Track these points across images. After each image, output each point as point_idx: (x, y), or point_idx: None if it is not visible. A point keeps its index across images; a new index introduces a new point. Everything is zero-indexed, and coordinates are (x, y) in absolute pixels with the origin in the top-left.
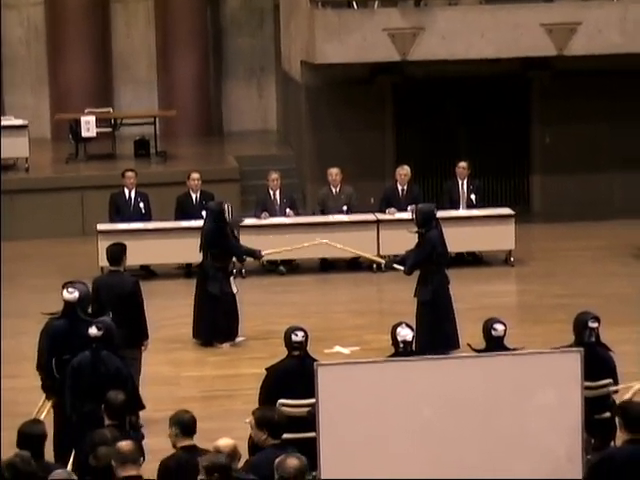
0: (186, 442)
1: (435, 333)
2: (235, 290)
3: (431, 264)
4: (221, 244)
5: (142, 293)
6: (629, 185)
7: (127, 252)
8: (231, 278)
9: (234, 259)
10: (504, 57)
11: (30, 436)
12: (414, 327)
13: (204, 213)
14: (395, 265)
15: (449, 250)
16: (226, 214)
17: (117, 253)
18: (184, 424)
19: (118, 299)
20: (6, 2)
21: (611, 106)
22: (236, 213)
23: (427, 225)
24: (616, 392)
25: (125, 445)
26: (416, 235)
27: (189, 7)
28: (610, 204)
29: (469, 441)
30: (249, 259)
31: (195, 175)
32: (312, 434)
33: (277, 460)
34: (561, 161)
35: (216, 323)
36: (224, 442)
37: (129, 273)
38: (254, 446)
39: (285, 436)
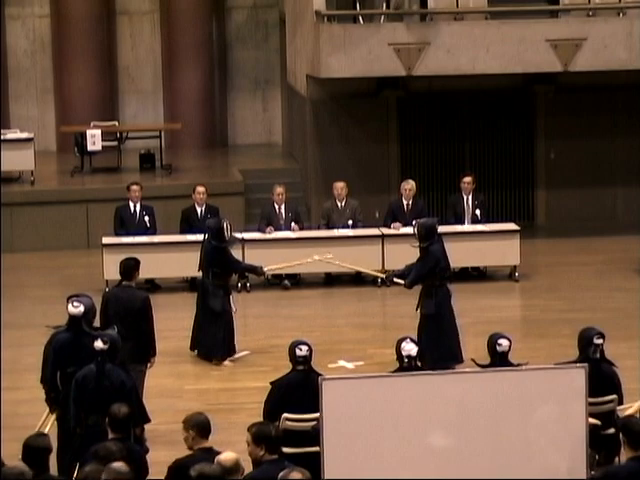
0: (203, 444)
1: (439, 347)
2: (234, 309)
3: (434, 278)
4: (221, 262)
5: (152, 308)
6: (633, 200)
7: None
8: (230, 297)
9: (235, 276)
10: (509, 72)
11: (35, 449)
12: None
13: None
14: (395, 279)
15: (452, 265)
16: (225, 232)
17: (129, 267)
18: (201, 426)
19: (126, 313)
20: (11, 14)
21: (616, 121)
22: (235, 231)
23: (429, 239)
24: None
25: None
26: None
27: (194, 20)
28: (614, 219)
29: (473, 456)
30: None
31: (200, 189)
32: (316, 448)
33: (281, 474)
34: (565, 176)
35: (216, 338)
36: (227, 456)
37: (139, 288)
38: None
39: (289, 450)
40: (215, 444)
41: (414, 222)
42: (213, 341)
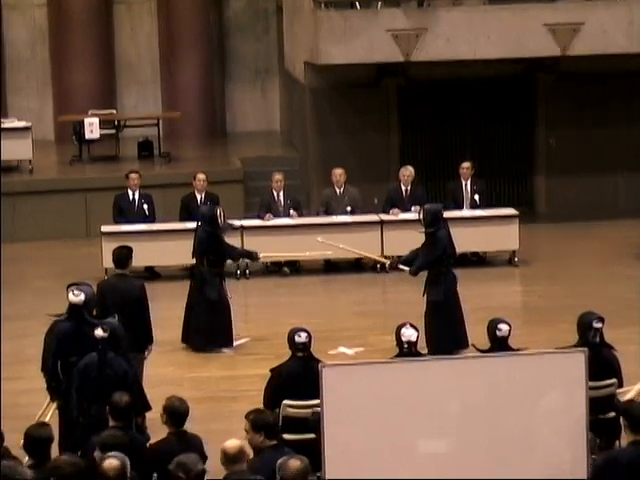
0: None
1: (447, 333)
2: (229, 295)
3: (441, 264)
4: (216, 249)
5: (148, 297)
6: (633, 187)
7: (132, 254)
8: (224, 283)
9: (230, 262)
10: (508, 58)
11: (36, 439)
12: (423, 327)
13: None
14: (400, 266)
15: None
16: (219, 219)
17: (123, 256)
18: (172, 411)
19: (124, 302)
20: (10, 4)
21: (616, 108)
22: (230, 219)
23: (436, 225)
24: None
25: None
26: (423, 235)
27: (193, 8)
28: (614, 205)
29: (474, 441)
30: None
31: (201, 176)
32: (314, 435)
33: (279, 462)
34: (565, 162)
35: (215, 329)
36: (231, 443)
37: (135, 277)
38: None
39: (289, 437)
40: (217, 432)
41: (413, 208)
42: (211, 332)
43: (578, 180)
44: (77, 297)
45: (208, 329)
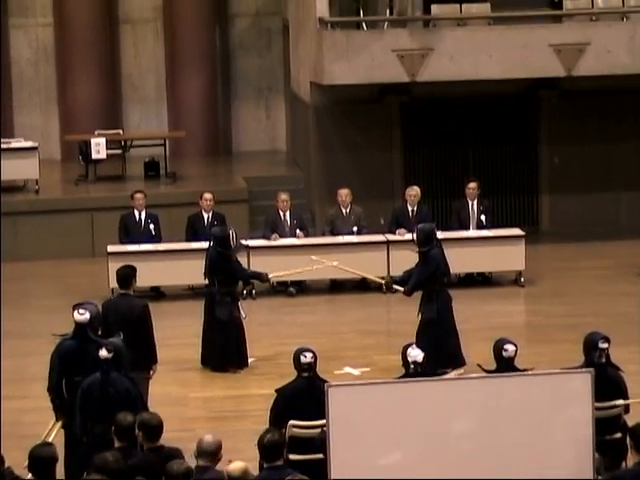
0: (154, 444)
1: (439, 351)
2: (243, 315)
3: (434, 283)
4: (226, 270)
5: (151, 316)
6: (636, 205)
7: (137, 274)
8: (239, 303)
9: (240, 283)
10: (512, 77)
11: (41, 459)
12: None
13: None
14: (395, 286)
15: (458, 270)
16: (231, 240)
17: (127, 276)
18: (147, 427)
19: (126, 322)
20: (14, 23)
21: (619, 126)
22: (240, 239)
23: (428, 244)
24: (627, 412)
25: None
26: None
27: (197, 28)
28: (618, 224)
29: (480, 461)
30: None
31: (208, 195)
32: (321, 455)
33: None
34: (569, 181)
35: (227, 349)
36: (235, 466)
37: (138, 296)
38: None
39: (295, 457)
40: (221, 452)
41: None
42: (224, 353)
43: (582, 198)
44: (82, 316)
45: (221, 349)
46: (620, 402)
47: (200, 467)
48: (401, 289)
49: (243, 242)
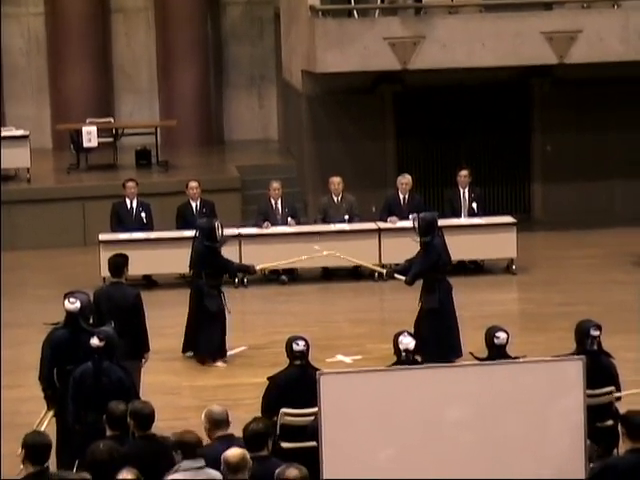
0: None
1: (440, 341)
2: (227, 310)
3: (436, 272)
4: (213, 262)
5: (143, 305)
6: (630, 193)
7: (129, 263)
8: (223, 296)
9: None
10: (504, 65)
11: (36, 446)
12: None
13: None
14: (396, 275)
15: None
16: (217, 232)
17: (118, 264)
18: (138, 416)
19: (119, 311)
20: (6, 12)
21: (612, 114)
22: (227, 228)
23: (430, 233)
24: (619, 399)
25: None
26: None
27: (189, 17)
28: (611, 212)
29: (471, 449)
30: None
31: (193, 184)
32: (313, 443)
33: (277, 471)
34: (562, 169)
35: (213, 339)
36: (234, 452)
37: (130, 285)
38: None
39: (287, 445)
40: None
41: (411, 216)
42: (210, 342)
43: (574, 187)
44: (73, 305)
45: (208, 341)
46: (617, 394)
47: (222, 437)
48: (402, 278)
49: (235, 231)
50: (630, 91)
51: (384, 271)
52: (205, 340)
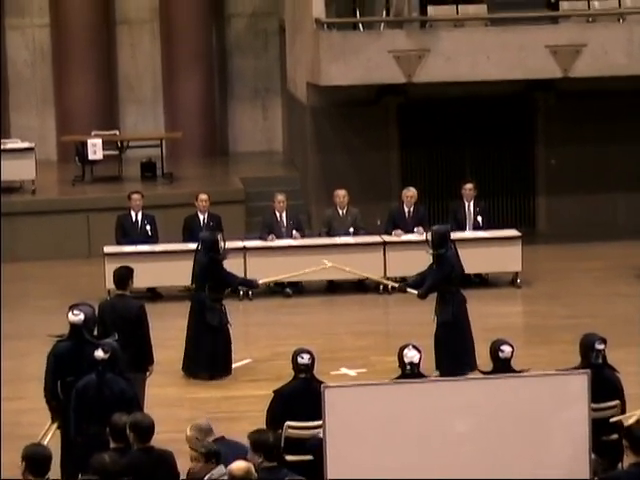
0: (143, 444)
1: (457, 354)
2: (229, 324)
3: (449, 284)
4: (215, 275)
5: (147, 317)
6: (633, 206)
7: (134, 275)
8: (226, 309)
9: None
10: (509, 78)
11: (36, 459)
12: (433, 348)
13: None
14: (409, 289)
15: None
16: (220, 245)
17: (123, 276)
18: (138, 428)
19: (123, 323)
20: (11, 24)
21: (616, 127)
22: (228, 244)
23: (443, 246)
24: (623, 413)
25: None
26: (431, 256)
27: (194, 28)
28: (615, 225)
29: (476, 462)
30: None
31: (203, 196)
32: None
33: None
34: (566, 182)
35: (216, 355)
36: (239, 466)
37: (135, 297)
38: None
39: (292, 458)
40: None
41: (415, 229)
42: (212, 360)
43: (578, 199)
44: (77, 317)
45: (210, 356)
46: (614, 419)
47: (215, 440)
48: (415, 292)
49: (239, 243)
50: (634, 104)
51: (397, 285)
52: (207, 356)
